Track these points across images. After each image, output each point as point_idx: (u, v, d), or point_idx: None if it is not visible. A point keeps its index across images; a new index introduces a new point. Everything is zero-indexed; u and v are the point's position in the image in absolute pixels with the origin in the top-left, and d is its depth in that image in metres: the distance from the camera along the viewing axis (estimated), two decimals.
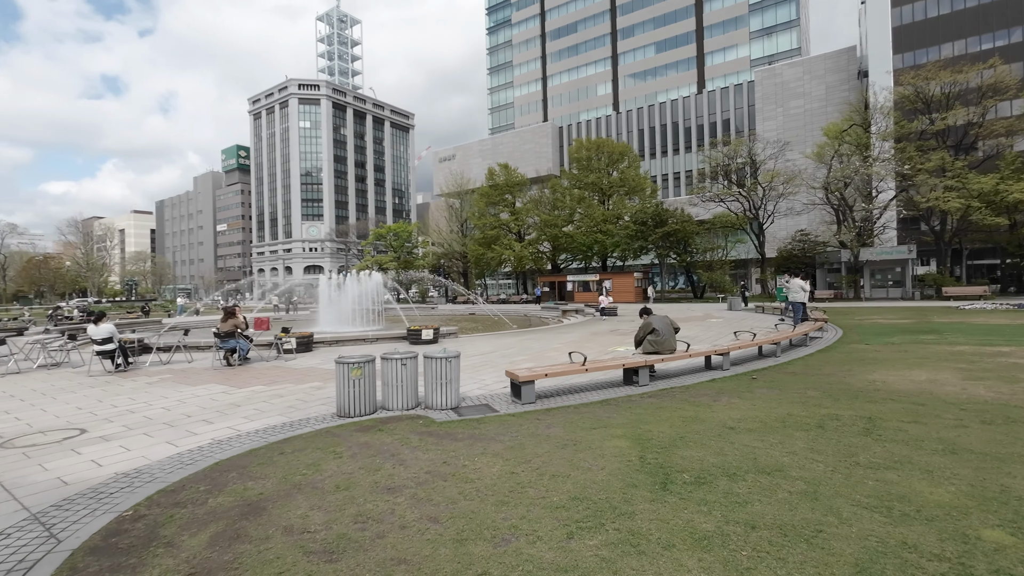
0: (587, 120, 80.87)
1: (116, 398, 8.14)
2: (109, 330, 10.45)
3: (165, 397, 8.11)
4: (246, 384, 9.05)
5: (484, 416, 6.41)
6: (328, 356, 12.38)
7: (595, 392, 7.71)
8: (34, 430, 6.36)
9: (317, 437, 5.65)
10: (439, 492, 4.01)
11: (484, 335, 16.96)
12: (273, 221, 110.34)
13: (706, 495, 3.82)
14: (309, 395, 8.03)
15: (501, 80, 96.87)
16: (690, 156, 72.77)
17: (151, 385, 9.20)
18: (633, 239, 42.86)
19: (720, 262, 42.17)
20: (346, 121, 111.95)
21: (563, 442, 5.21)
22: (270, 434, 5.85)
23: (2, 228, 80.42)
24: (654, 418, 6.08)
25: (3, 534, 3.54)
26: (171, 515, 3.74)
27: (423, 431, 5.76)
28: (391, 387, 6.80)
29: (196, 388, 8.79)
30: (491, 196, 50.09)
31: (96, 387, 9.17)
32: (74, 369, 11.38)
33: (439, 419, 6.30)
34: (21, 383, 9.78)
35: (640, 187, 46.45)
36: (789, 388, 7.58)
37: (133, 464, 4.98)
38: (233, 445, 5.47)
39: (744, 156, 44.44)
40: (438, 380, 6.81)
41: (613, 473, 4.31)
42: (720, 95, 70.33)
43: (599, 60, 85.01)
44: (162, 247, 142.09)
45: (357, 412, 6.54)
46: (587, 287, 44.49)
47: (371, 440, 5.45)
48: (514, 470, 4.45)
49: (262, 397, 7.94)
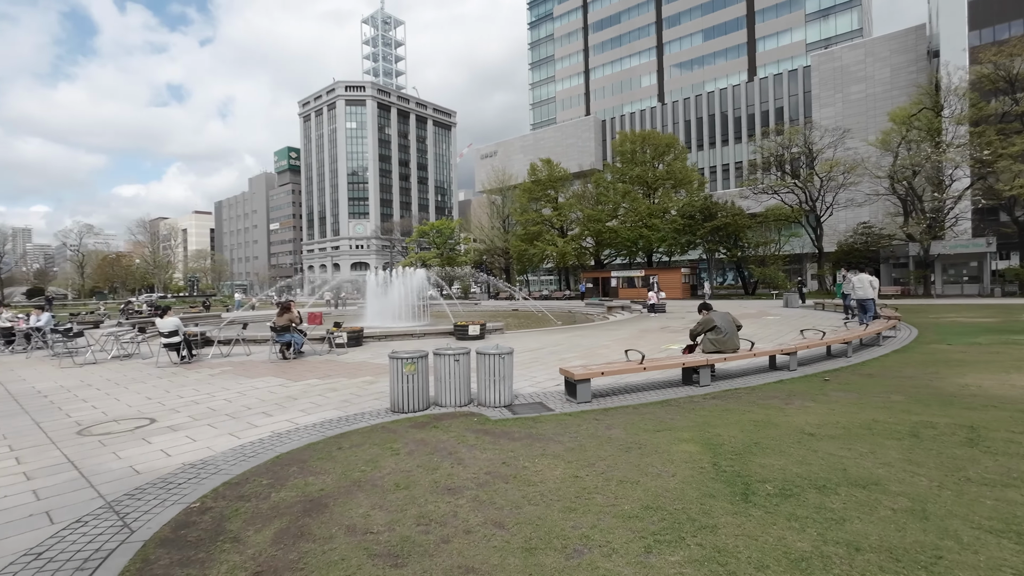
0: (631, 112, 79.14)
1: (182, 389, 8.46)
2: (174, 323, 10.93)
3: (226, 389, 8.36)
4: (301, 377, 9.22)
5: (540, 415, 6.21)
6: (378, 351, 12.52)
7: (653, 392, 7.35)
8: (109, 418, 6.65)
9: (373, 432, 5.61)
10: (501, 495, 3.83)
11: (530, 331, 16.76)
12: (322, 219, 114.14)
13: (795, 509, 3.47)
14: (362, 389, 8.07)
15: (543, 75, 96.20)
16: (739, 147, 70.00)
17: (213, 377, 9.53)
18: (680, 233, 41.53)
19: (773, 257, 40.24)
20: (390, 121, 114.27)
21: (626, 445, 4.94)
22: (327, 428, 5.87)
23: (80, 229, 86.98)
24: (722, 421, 5.69)
25: (81, 522, 3.63)
26: (236, 509, 3.73)
27: (479, 429, 5.62)
28: (444, 383, 6.70)
29: (255, 380, 9.03)
30: (533, 191, 49.74)
31: (164, 378, 9.59)
32: (144, 360, 11.99)
33: (494, 417, 6.14)
34: (98, 373, 10.36)
35: (687, 180, 44.93)
36: (868, 392, 6.98)
37: (199, 455, 5.08)
38: (292, 438, 5.50)
39: (800, 145, 42.13)
40: (491, 377, 6.66)
41: (686, 481, 4.01)
42: (773, 82, 67.21)
43: (643, 51, 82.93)
44: (220, 245, 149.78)
45: (411, 408, 6.48)
46: (632, 283, 43.50)
47: (427, 437, 5.35)
48: (577, 473, 4.22)
49: (317, 391, 8.04)
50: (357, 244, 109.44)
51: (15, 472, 4.74)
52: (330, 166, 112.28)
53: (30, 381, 9.67)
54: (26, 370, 11.09)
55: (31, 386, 9.12)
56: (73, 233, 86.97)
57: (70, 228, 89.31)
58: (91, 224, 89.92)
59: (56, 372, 10.61)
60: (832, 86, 59.54)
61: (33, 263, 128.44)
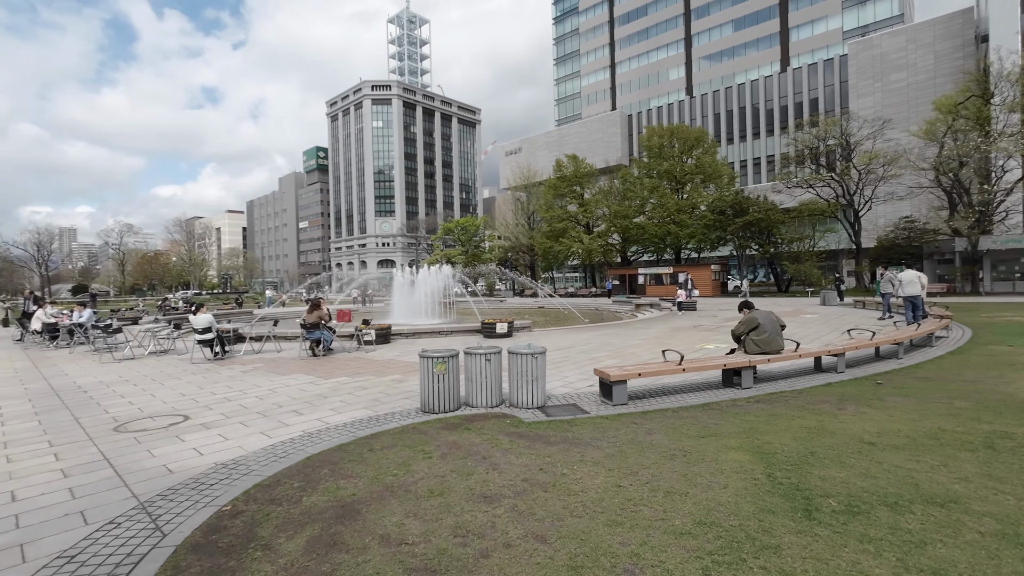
0: (658, 107, 77.71)
1: (215, 386, 8.52)
2: (208, 320, 11.08)
3: (258, 386, 8.38)
4: (331, 375, 9.19)
5: (575, 418, 5.97)
6: (405, 348, 12.47)
7: (692, 394, 7.03)
8: (144, 415, 6.70)
9: (404, 434, 5.46)
10: (541, 505, 3.62)
11: (558, 329, 16.49)
12: (349, 218, 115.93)
13: (866, 529, 3.15)
14: (391, 388, 7.98)
15: (568, 70, 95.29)
16: (771, 140, 68.04)
17: (245, 373, 9.60)
18: (710, 229, 40.48)
19: (808, 253, 38.84)
20: (416, 119, 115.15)
21: (670, 452, 4.66)
22: (357, 428, 5.76)
23: (121, 228, 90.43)
24: (770, 427, 5.35)
25: (114, 523, 3.57)
26: (267, 513, 3.62)
27: (512, 432, 5.42)
28: (475, 383, 6.53)
29: (285, 378, 9.04)
30: (559, 188, 49.28)
31: (197, 374, 9.71)
32: (179, 356, 12.21)
33: (527, 419, 5.93)
34: (135, 368, 10.57)
35: (717, 174, 43.77)
36: (928, 397, 6.50)
37: (230, 454, 5.02)
38: (323, 439, 5.40)
39: (837, 137, 40.51)
40: (523, 377, 6.44)
41: (739, 493, 3.72)
42: (807, 72, 65.02)
43: (671, 43, 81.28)
44: (252, 243, 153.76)
45: (441, 408, 6.33)
46: (660, 280, 42.68)
47: (460, 440, 5.18)
48: (620, 482, 3.98)
49: (347, 389, 7.97)
50: (383, 242, 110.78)
51: (53, 469, 4.76)
52: (357, 165, 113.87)
53: (71, 376, 9.92)
54: (68, 365, 11.41)
55: (72, 381, 9.35)
56: (114, 232, 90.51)
57: (111, 227, 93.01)
58: (131, 223, 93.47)
59: (96, 367, 10.88)
60: (871, 75, 57.20)
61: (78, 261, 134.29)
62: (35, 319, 15.49)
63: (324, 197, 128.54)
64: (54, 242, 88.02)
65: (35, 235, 79.55)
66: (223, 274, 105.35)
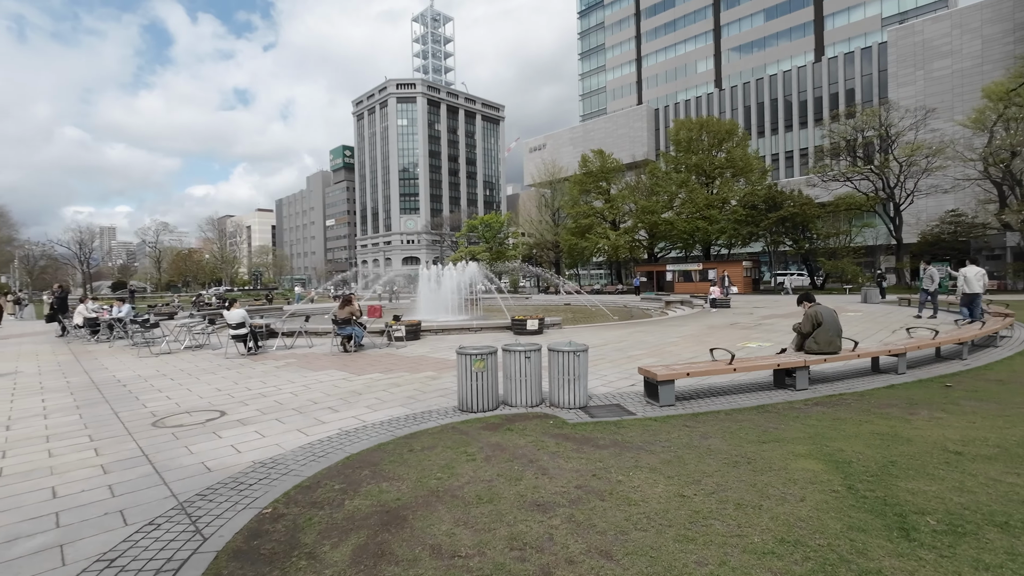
0: (685, 100, 76.19)
1: (249, 381, 8.48)
2: (241, 315, 11.12)
3: (292, 382, 8.30)
4: (364, 371, 9.07)
5: (621, 419, 5.66)
6: (436, 344, 12.32)
7: (743, 396, 6.62)
8: (181, 410, 6.67)
9: (444, 434, 5.25)
10: (600, 515, 3.34)
11: (589, 326, 16.12)
12: (375, 215, 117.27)
13: (979, 553, 2.77)
14: (426, 385, 7.79)
15: (593, 65, 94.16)
16: (804, 133, 66.02)
17: (279, 369, 9.57)
18: (742, 225, 39.32)
19: (845, 249, 37.35)
20: (440, 117, 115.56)
21: (731, 459, 4.31)
22: (395, 427, 5.57)
23: (157, 227, 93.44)
24: (838, 433, 4.94)
25: (153, 524, 3.44)
26: (310, 517, 3.44)
27: (557, 434, 5.14)
28: (514, 381, 6.27)
29: (319, 373, 8.96)
30: (585, 183, 48.62)
31: (232, 369, 9.72)
32: (214, 351, 12.32)
33: (570, 420, 5.65)
34: (172, 363, 10.68)
35: (749, 168, 42.50)
36: (1008, 401, 5.96)
37: (268, 452, 4.88)
38: (361, 437, 5.23)
39: (877, 128, 38.82)
40: (565, 376, 6.16)
41: (820, 508, 3.36)
42: (843, 62, 62.78)
43: (699, 35, 79.53)
44: (281, 241, 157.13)
45: (480, 407, 6.09)
46: (689, 277, 41.74)
47: (503, 441, 4.93)
48: (683, 492, 3.66)
49: (381, 386, 7.82)
50: (408, 239, 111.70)
51: (93, 464, 4.70)
52: (382, 163, 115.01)
53: (111, 370, 10.06)
54: (108, 359, 11.62)
55: (112, 375, 9.47)
56: (151, 231, 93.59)
57: (148, 226, 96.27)
58: (166, 222, 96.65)
59: (134, 361, 11.04)
60: (912, 63, 54.79)
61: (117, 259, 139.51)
62: (77, 314, 15.92)
63: (350, 195, 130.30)
64: (95, 240, 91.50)
65: (77, 234, 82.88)
66: (253, 271, 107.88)
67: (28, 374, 9.95)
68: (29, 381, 9.17)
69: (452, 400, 6.72)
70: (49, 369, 10.46)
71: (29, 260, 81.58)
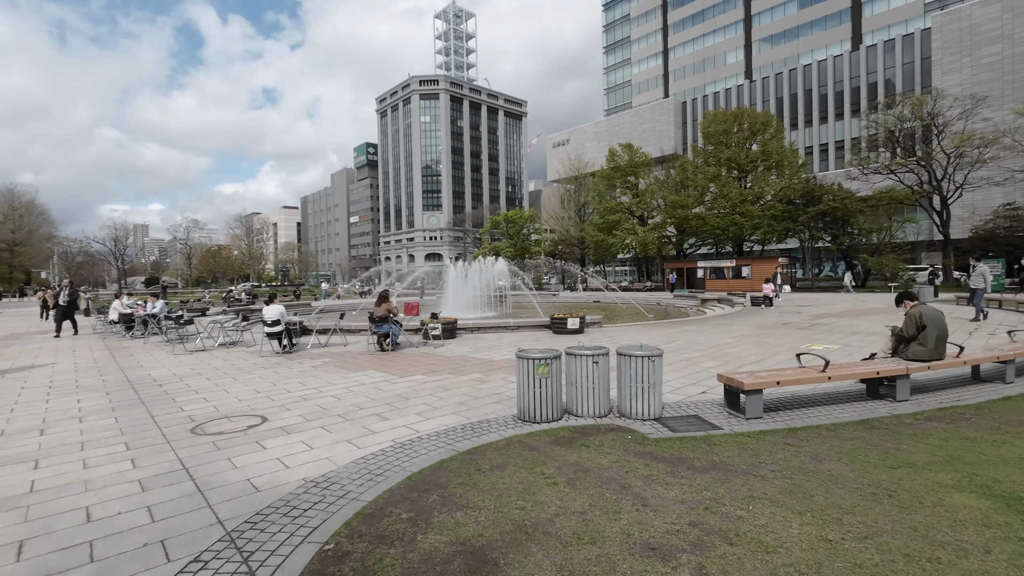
0: (714, 92, 74.19)
1: (288, 382, 8.06)
2: (279, 311, 10.74)
3: (332, 384, 7.84)
4: (406, 372, 8.57)
5: (708, 434, 4.99)
6: (475, 344, 11.78)
7: (836, 408, 5.88)
8: (221, 414, 6.24)
9: (511, 449, 4.66)
10: (737, 567, 2.70)
11: (632, 326, 15.39)
12: (398, 212, 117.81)
13: None
14: (475, 390, 7.23)
15: (618, 58, 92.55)
16: (840, 124, 63.61)
17: (316, 369, 9.14)
18: (778, 220, 37.82)
19: (890, 245, 35.59)
20: (462, 113, 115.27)
21: (865, 489, 3.62)
22: (454, 439, 5.01)
23: (188, 224, 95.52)
24: (977, 457, 4.19)
25: (199, 561, 2.94)
26: (380, 558, 2.89)
27: (642, 452, 4.51)
28: (579, 388, 5.66)
29: (358, 374, 8.49)
30: (612, 178, 47.57)
31: (268, 368, 9.34)
32: (247, 348, 12.02)
33: (650, 435, 5.01)
34: (207, 361, 10.38)
35: (785, 161, 40.90)
36: None
37: (319, 468, 4.37)
38: (418, 451, 4.69)
39: (925, 117, 36.83)
40: (637, 383, 5.52)
41: (1017, 562, 2.66)
42: (882, 50, 60.19)
43: (728, 25, 77.39)
44: (306, 238, 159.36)
45: (543, 417, 5.50)
46: (721, 274, 40.42)
47: (582, 460, 4.32)
48: (826, 534, 3.00)
49: (428, 389, 7.29)
50: (431, 235, 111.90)
51: (131, 479, 4.25)
52: (405, 160, 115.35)
53: (146, 368, 9.79)
54: (143, 356, 11.41)
55: (147, 373, 9.18)
56: (182, 228, 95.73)
57: (179, 223, 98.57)
58: (197, 219, 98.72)
59: (169, 359, 10.78)
60: (958, 50, 52.25)
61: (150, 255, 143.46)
62: (112, 309, 15.89)
63: (373, 192, 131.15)
64: (129, 237, 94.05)
65: (113, 231, 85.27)
66: (280, 267, 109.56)
67: (64, 370, 9.75)
68: (65, 378, 8.93)
69: (507, 407, 6.15)
70: (85, 366, 10.27)
71: (67, 256, 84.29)
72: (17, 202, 70.19)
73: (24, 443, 5.32)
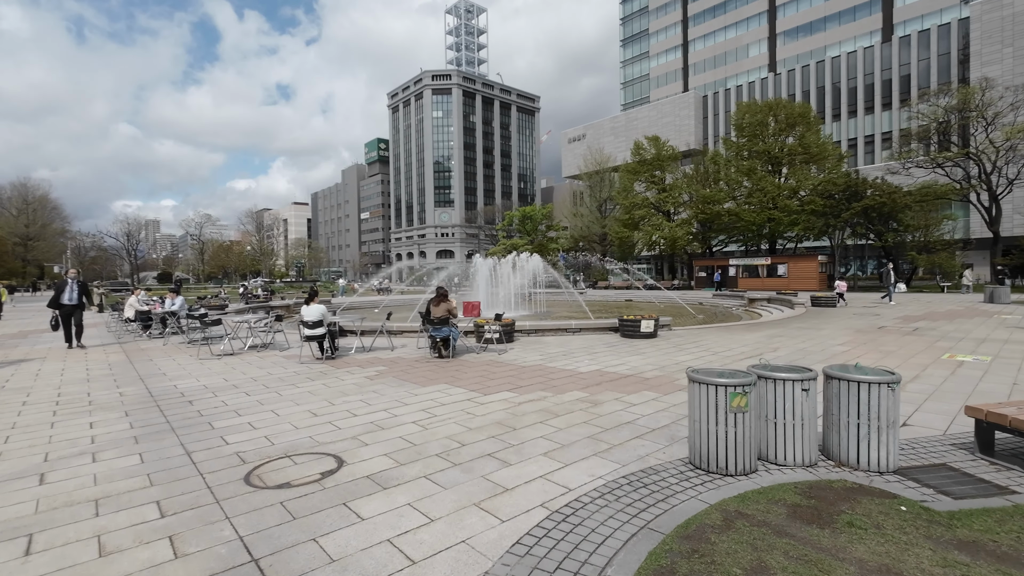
0: (737, 86, 72.17)
1: (347, 400, 6.52)
2: (321, 312, 9.20)
3: (403, 403, 6.30)
4: (486, 388, 7.01)
5: (1007, 503, 3.38)
6: (543, 349, 10.19)
7: None
8: (278, 450, 4.71)
9: (740, 530, 3.08)
10: None
11: (706, 329, 13.71)
12: (409, 208, 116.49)
13: None
14: (593, 416, 5.65)
15: (635, 51, 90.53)
16: (870, 118, 61.45)
17: (373, 381, 7.61)
18: (817, 216, 35.87)
19: (943, 242, 33.57)
20: (475, 108, 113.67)
21: None
22: (629, 503, 3.44)
23: (201, 219, 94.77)
24: None
25: None
26: None
27: (944, 538, 2.90)
28: (779, 426, 4.07)
29: (429, 390, 6.95)
30: (639, 172, 45.78)
31: (315, 379, 7.82)
32: (280, 352, 10.54)
33: (926, 502, 3.41)
34: (238, 367, 8.90)
35: (823, 154, 38.94)
36: None
37: (460, 560, 2.81)
38: (594, 528, 3.11)
39: (977, 108, 34.74)
40: (865, 420, 3.93)
41: None
42: (916, 40, 57.99)
43: (752, 17, 75.27)
44: (316, 234, 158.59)
45: (734, 466, 3.91)
46: (755, 272, 38.62)
47: (873, 557, 2.71)
48: None
49: (530, 414, 5.72)
50: (442, 232, 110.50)
51: None
52: (416, 155, 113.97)
53: (170, 377, 8.32)
54: (164, 360, 9.95)
55: (172, 384, 7.70)
56: (194, 223, 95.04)
57: (192, 218, 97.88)
58: (210, 214, 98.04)
59: (195, 365, 9.31)
60: (999, 39, 50.11)
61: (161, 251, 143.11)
62: (128, 306, 14.48)
63: (384, 188, 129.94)
64: (141, 232, 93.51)
65: (125, 225, 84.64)
66: (295, 263, 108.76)
67: (75, 379, 8.31)
68: (76, 390, 7.48)
69: (656, 443, 4.59)
70: (99, 373, 8.82)
71: (80, 251, 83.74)
72: (31, 196, 69.62)
73: (17, 498, 3.82)
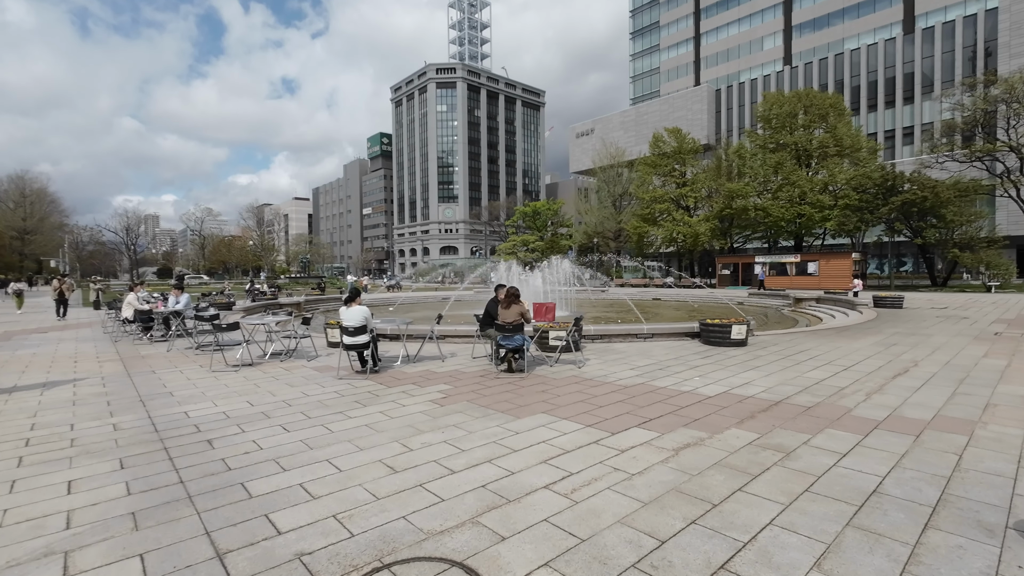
0: (750, 79, 70.38)
1: (424, 441, 4.78)
2: (363, 316, 7.43)
3: (508, 448, 4.54)
4: (605, 422, 5.25)
5: None
6: (624, 361, 8.43)
7: None
8: (365, 550, 2.94)
9: None
10: None
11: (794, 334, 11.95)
12: (412, 204, 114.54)
13: None
14: (801, 474, 3.90)
15: (645, 44, 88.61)
16: (891, 112, 59.80)
17: (440, 407, 5.87)
18: (853, 211, 34.14)
19: (988, 239, 31.87)
20: (480, 103, 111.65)
21: None
22: None
23: (202, 213, 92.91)
24: None
25: None
26: None
27: None
28: None
29: (527, 424, 5.20)
30: (659, 166, 44.02)
31: (366, 404, 6.08)
32: (308, 362, 8.80)
33: None
34: (264, 385, 7.15)
35: (856, 147, 37.19)
36: None
37: None
38: None
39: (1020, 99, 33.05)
40: None
41: None
42: (940, 32, 56.26)
43: (766, 9, 73.53)
44: (317, 230, 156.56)
45: None
46: (783, 270, 36.90)
47: None
48: None
49: (713, 473, 3.97)
50: (446, 228, 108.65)
51: None
52: (420, 150, 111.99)
53: (179, 398, 6.58)
54: (170, 373, 8.21)
55: (182, 411, 5.95)
56: (195, 217, 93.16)
57: (193, 212, 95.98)
58: (211, 208, 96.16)
59: (209, 380, 7.56)
60: None
61: (161, 246, 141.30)
62: (126, 305, 12.73)
63: (387, 183, 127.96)
64: (141, 226, 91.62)
65: (124, 220, 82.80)
66: (301, 258, 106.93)
67: (58, 400, 6.57)
68: (57, 419, 5.74)
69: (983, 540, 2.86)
70: (89, 391, 7.07)
71: (78, 245, 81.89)
72: (28, 189, 67.85)
73: None
